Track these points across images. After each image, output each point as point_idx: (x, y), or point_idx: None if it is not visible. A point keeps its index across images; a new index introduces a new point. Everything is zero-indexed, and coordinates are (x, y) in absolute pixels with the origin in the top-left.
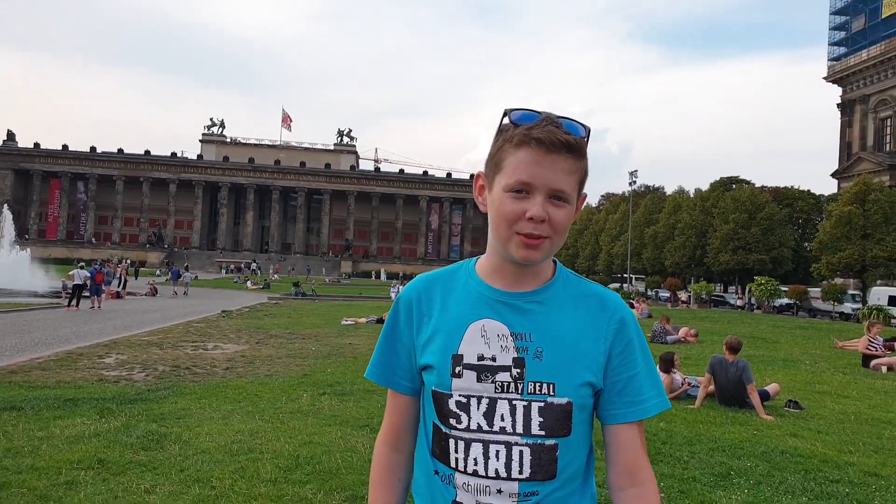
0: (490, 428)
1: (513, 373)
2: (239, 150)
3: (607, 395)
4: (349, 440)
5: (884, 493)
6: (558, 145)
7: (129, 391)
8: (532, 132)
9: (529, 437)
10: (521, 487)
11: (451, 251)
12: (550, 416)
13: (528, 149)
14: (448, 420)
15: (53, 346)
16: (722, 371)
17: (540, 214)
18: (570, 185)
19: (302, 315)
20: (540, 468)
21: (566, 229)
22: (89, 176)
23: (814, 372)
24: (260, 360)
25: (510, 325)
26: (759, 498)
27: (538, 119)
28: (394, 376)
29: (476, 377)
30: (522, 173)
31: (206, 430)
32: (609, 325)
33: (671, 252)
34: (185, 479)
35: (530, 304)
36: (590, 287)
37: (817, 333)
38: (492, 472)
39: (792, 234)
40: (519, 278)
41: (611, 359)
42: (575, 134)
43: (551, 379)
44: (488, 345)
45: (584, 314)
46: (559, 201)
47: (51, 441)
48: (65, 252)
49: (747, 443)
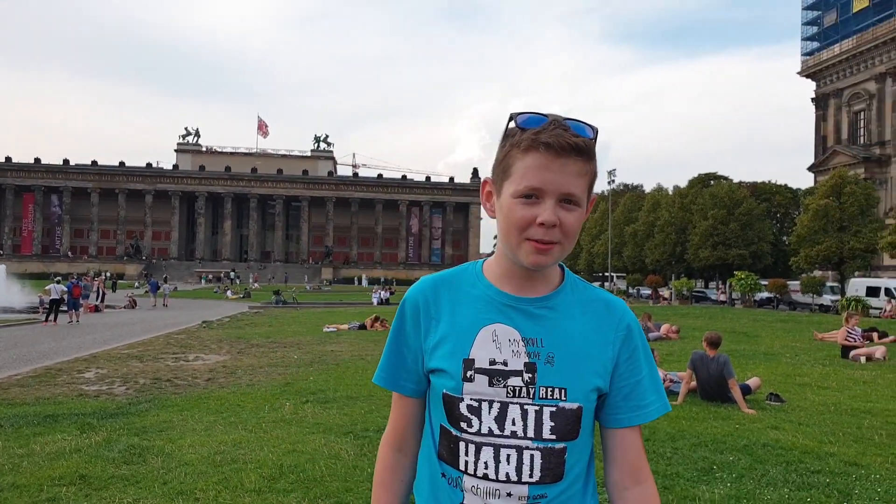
0: (501, 432)
1: (524, 377)
2: (215, 158)
3: (613, 400)
4: (333, 447)
5: (864, 482)
6: (567, 149)
7: (109, 405)
8: (540, 136)
9: (541, 442)
10: (531, 490)
11: (432, 255)
12: (561, 420)
13: (536, 153)
14: (459, 423)
15: (32, 363)
16: (703, 367)
17: (551, 220)
18: (580, 188)
19: (283, 323)
20: (549, 471)
21: (577, 233)
22: (63, 189)
23: (794, 364)
24: (242, 370)
25: (521, 330)
26: (741, 491)
27: (545, 122)
28: (400, 380)
29: (488, 381)
30: (532, 179)
31: (189, 442)
32: (617, 332)
33: (651, 249)
34: (169, 492)
35: (541, 309)
36: (596, 293)
37: (797, 326)
38: (502, 476)
39: (770, 228)
40: (529, 283)
41: (618, 364)
42: (583, 136)
43: (563, 384)
44: (500, 349)
45: (593, 320)
46: (570, 205)
47: (31, 458)
48: (41, 267)
49: (729, 437)
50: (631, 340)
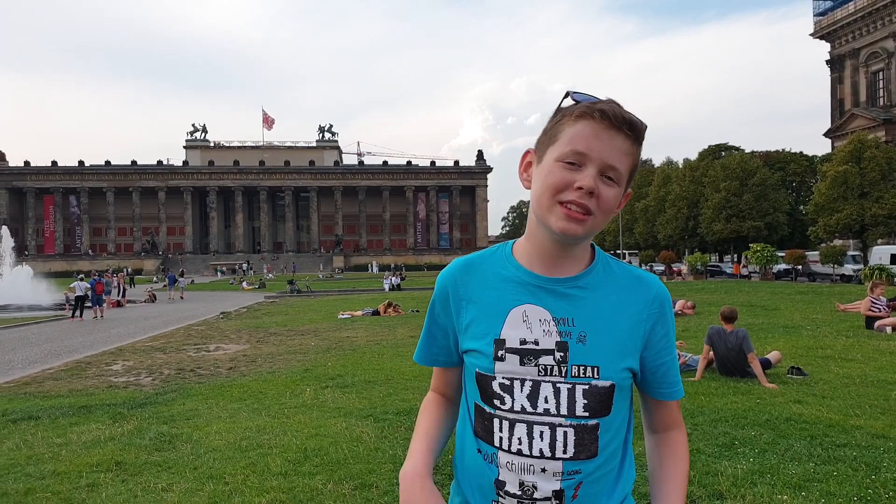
0: (534, 409)
1: (556, 356)
2: (223, 153)
3: (652, 377)
4: (354, 430)
5: (892, 454)
6: (621, 121)
7: (138, 395)
8: (596, 105)
9: (574, 419)
10: (565, 466)
11: (440, 239)
12: (594, 398)
13: (589, 121)
14: (492, 401)
15: (62, 357)
16: (721, 342)
17: (591, 185)
18: (623, 166)
19: (299, 312)
20: (583, 448)
21: (612, 211)
22: (80, 190)
23: (816, 337)
24: (262, 358)
25: (552, 310)
26: (764, 466)
27: (601, 100)
28: (436, 357)
29: (519, 360)
30: (579, 143)
31: (215, 429)
32: (650, 309)
33: (663, 225)
34: (199, 477)
35: (572, 289)
36: (630, 271)
37: (818, 298)
38: (536, 452)
39: (786, 198)
40: (559, 262)
41: (653, 343)
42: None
43: (595, 362)
44: (530, 329)
45: (626, 298)
46: (610, 181)
47: (69, 447)
48: (64, 265)
49: (750, 412)
50: (665, 319)
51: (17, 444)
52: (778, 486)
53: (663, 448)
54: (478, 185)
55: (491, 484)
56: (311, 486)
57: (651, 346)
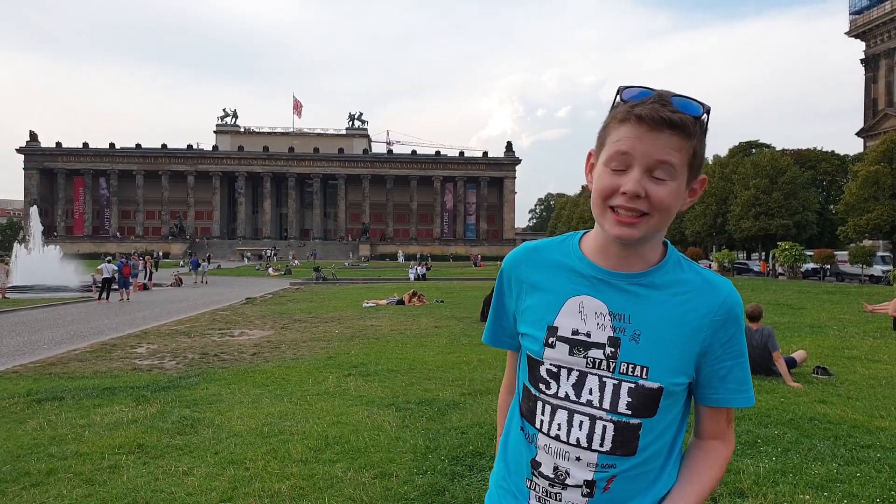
0: (577, 399)
1: (606, 351)
2: (253, 139)
3: (708, 380)
4: (376, 419)
5: None
6: (660, 122)
7: (161, 379)
8: (635, 109)
9: (615, 415)
10: (600, 459)
11: (466, 230)
12: (639, 397)
13: (629, 124)
14: (538, 384)
15: (88, 338)
16: (747, 341)
17: (634, 189)
18: (675, 160)
19: (324, 299)
20: (622, 444)
21: (670, 208)
22: (110, 172)
23: (842, 337)
24: (285, 345)
25: (609, 304)
26: (787, 465)
27: (648, 96)
28: (502, 338)
29: (569, 350)
30: (623, 146)
31: (238, 414)
32: (714, 316)
33: (691, 221)
34: (220, 461)
35: (633, 286)
36: (700, 273)
37: (845, 298)
38: (573, 440)
39: (816, 197)
40: (624, 259)
41: (713, 348)
42: (687, 112)
43: (646, 363)
44: (584, 321)
45: (690, 301)
46: (660, 179)
47: (92, 428)
48: (91, 247)
49: (774, 411)
50: (730, 325)
51: (40, 425)
52: (800, 486)
53: (699, 451)
54: (506, 176)
55: (528, 462)
56: (332, 473)
57: (712, 350)
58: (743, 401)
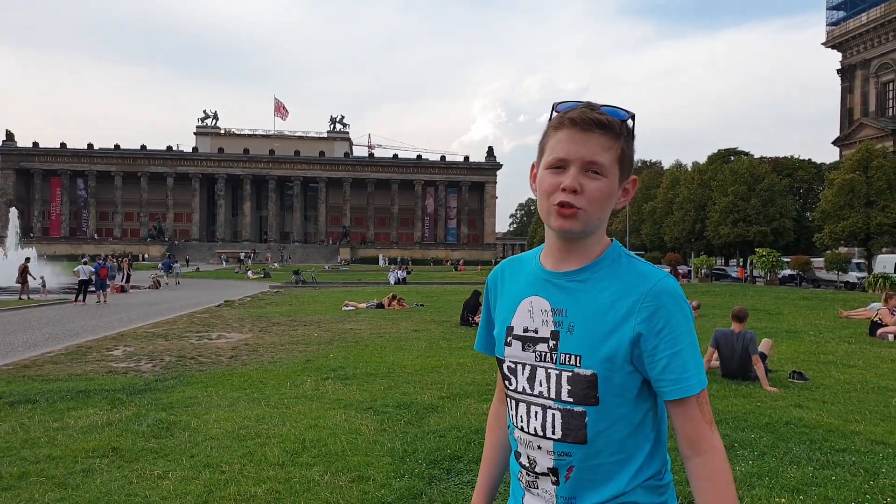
0: (532, 391)
1: (549, 344)
2: (233, 141)
3: (652, 372)
4: (353, 423)
5: (891, 460)
6: (590, 123)
7: (137, 382)
8: (568, 114)
9: (561, 403)
10: (555, 447)
11: (447, 234)
12: (576, 385)
13: (564, 129)
14: (505, 382)
15: (63, 341)
16: (728, 344)
17: (572, 185)
18: (605, 159)
19: (303, 303)
20: (570, 432)
21: (603, 202)
22: (88, 173)
23: (818, 342)
24: (264, 348)
25: (551, 301)
26: (763, 469)
27: (578, 105)
28: (490, 345)
29: (521, 346)
30: (559, 150)
31: (214, 417)
32: (644, 303)
33: (670, 227)
34: (196, 465)
35: (571, 282)
36: (635, 266)
37: (821, 304)
38: (532, 430)
39: (793, 204)
40: (565, 257)
41: (647, 337)
42: (614, 116)
43: (578, 351)
44: (532, 318)
45: (620, 291)
46: (595, 175)
47: (66, 431)
48: (68, 249)
49: (751, 415)
50: (663, 312)
51: (13, 428)
52: (776, 490)
53: (698, 480)
54: (487, 181)
55: (514, 455)
56: (308, 476)
57: (646, 340)
58: (687, 389)
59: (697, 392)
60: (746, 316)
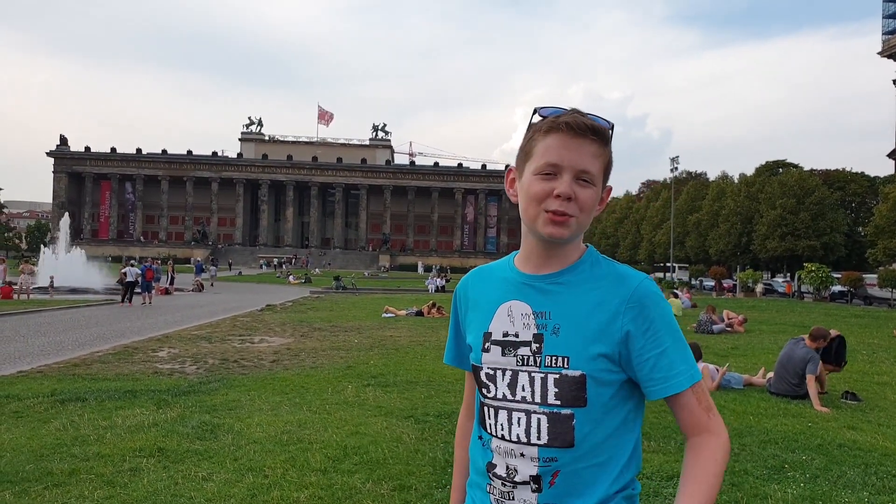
0: (513, 397)
1: (532, 347)
2: (277, 147)
3: (640, 373)
4: (395, 430)
5: None
6: (584, 129)
7: (182, 383)
8: (560, 118)
9: (547, 407)
10: (540, 452)
11: (487, 243)
12: (565, 387)
13: (557, 134)
14: (482, 390)
15: (111, 341)
16: (789, 353)
17: (567, 192)
18: (595, 168)
19: (343, 308)
20: (557, 436)
21: (591, 211)
22: (136, 177)
23: (872, 362)
24: (305, 353)
25: (533, 305)
26: (816, 492)
27: (566, 111)
28: (461, 357)
29: (501, 351)
30: (552, 156)
31: (257, 421)
32: (628, 303)
33: (715, 240)
34: (240, 468)
35: (552, 285)
36: (614, 268)
37: (874, 322)
38: (514, 437)
39: (844, 218)
40: (545, 261)
41: (635, 337)
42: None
43: (566, 353)
44: (513, 323)
45: (604, 293)
46: (585, 183)
47: (114, 430)
48: (116, 250)
49: (801, 435)
50: (646, 313)
51: (63, 425)
52: None
53: (687, 453)
54: None
55: (485, 467)
56: (350, 484)
57: (634, 341)
58: (676, 385)
59: (688, 387)
60: (822, 337)
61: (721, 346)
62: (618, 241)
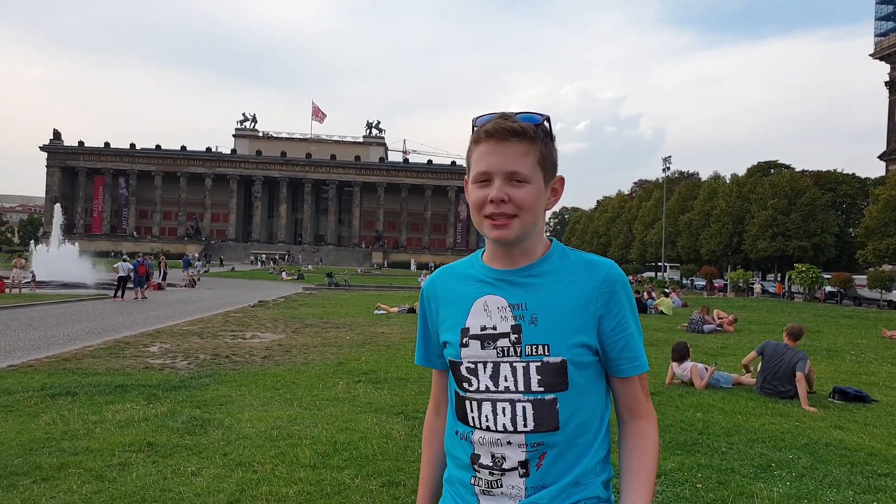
0: (496, 388)
1: (511, 338)
2: (271, 144)
3: (612, 353)
4: (384, 427)
5: None
6: (503, 132)
7: (173, 378)
8: (483, 128)
9: (531, 394)
10: (527, 439)
11: (479, 241)
12: (547, 373)
13: (483, 142)
14: (462, 384)
15: (102, 335)
16: (776, 356)
17: (497, 196)
18: (525, 166)
19: (335, 305)
20: (542, 421)
21: (532, 207)
22: (130, 172)
23: (860, 362)
24: (296, 349)
25: (508, 298)
26: (802, 491)
27: (493, 117)
28: (431, 356)
29: (480, 345)
30: (482, 164)
31: (247, 417)
32: (600, 289)
33: (707, 239)
34: (229, 463)
35: (526, 278)
36: (583, 257)
37: (863, 322)
38: (500, 427)
39: (835, 219)
40: (513, 258)
41: (607, 320)
42: (526, 122)
43: (546, 341)
44: (490, 316)
45: (577, 281)
46: (519, 182)
47: (103, 424)
48: (109, 245)
49: (789, 434)
50: (618, 298)
51: (53, 419)
52: None
53: (630, 438)
54: None
55: (468, 460)
56: (339, 479)
57: (606, 322)
58: (640, 367)
59: (645, 371)
60: (801, 334)
61: (711, 345)
62: (609, 240)
